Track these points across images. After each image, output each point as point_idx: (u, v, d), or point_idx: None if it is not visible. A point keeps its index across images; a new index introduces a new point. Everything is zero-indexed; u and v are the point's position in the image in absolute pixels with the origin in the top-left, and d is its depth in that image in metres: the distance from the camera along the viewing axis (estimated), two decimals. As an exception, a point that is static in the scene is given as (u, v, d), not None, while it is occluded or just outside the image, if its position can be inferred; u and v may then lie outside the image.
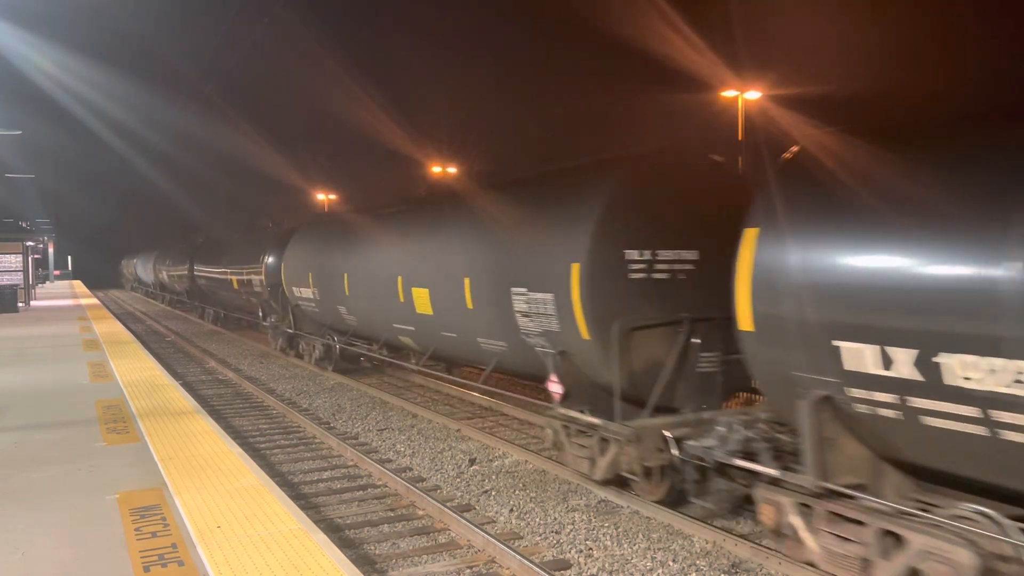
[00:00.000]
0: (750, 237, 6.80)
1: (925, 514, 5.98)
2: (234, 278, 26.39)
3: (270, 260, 22.50)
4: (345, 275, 15.87)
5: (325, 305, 17.73)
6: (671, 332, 8.95)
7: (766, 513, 7.07)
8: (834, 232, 6.13)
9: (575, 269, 8.89)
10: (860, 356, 5.86)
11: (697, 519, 8.24)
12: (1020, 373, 4.93)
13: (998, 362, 5.00)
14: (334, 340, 18.39)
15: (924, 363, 5.42)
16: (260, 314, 24.64)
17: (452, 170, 48.75)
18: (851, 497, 6.32)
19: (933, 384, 5.42)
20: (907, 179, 5.73)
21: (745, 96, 29.04)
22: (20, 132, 27.82)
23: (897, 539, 6.07)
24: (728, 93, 29.24)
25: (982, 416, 5.22)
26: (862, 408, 6.05)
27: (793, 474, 6.72)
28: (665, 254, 9.05)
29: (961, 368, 5.21)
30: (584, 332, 8.95)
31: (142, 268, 58.06)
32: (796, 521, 6.80)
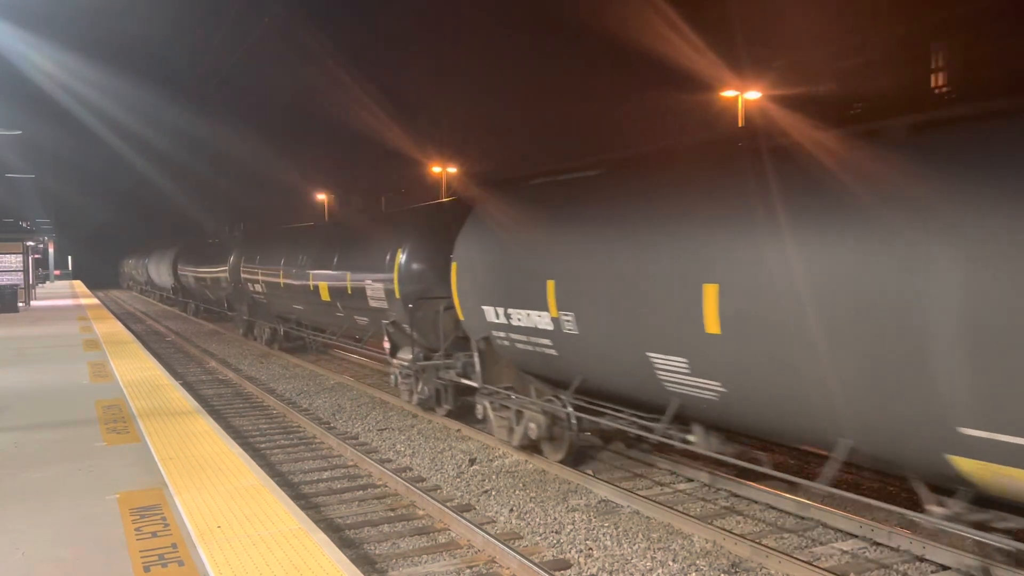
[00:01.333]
0: None
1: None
2: (324, 285, 17.54)
3: (407, 259, 13.71)
4: (710, 291, 7.06)
5: (602, 344, 8.77)
6: None
7: None
8: None
9: None
10: None
11: (697, 519, 8.25)
12: None
13: None
14: (562, 403, 9.94)
15: None
16: (387, 346, 14.94)
17: (452, 170, 48.76)
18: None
19: None
20: None
21: (745, 96, 29.03)
22: (20, 132, 27.83)
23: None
24: (728, 93, 29.24)
25: None
26: None
27: None
28: None
29: None
30: None
31: (156, 268, 48.41)
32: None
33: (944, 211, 5.39)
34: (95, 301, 42.78)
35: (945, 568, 7.00)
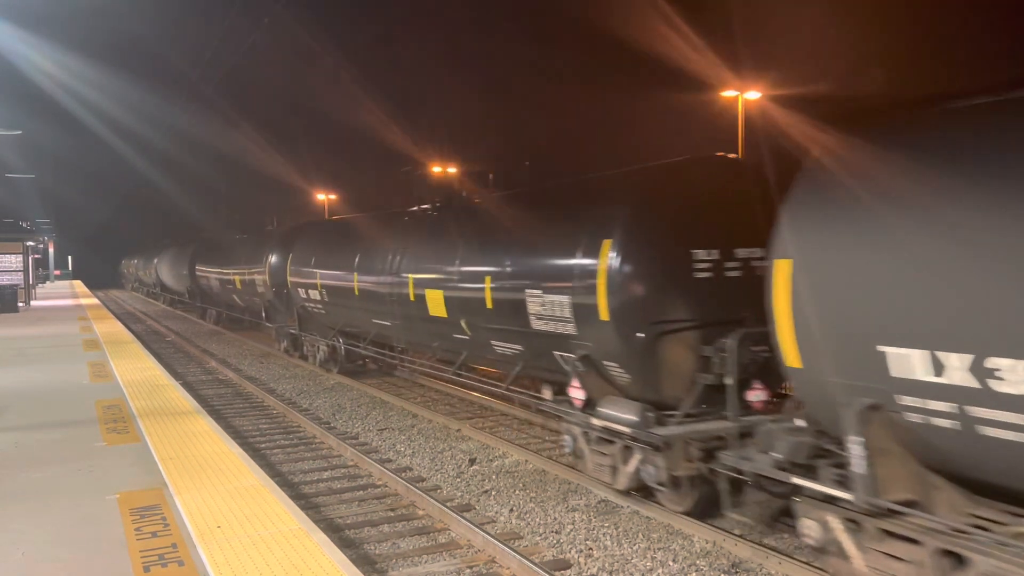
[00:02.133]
0: None
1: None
2: (437, 295, 12.52)
3: (622, 256, 8.47)
4: None
5: None
6: None
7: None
8: None
9: None
10: None
11: (697, 519, 8.24)
12: None
13: None
14: None
15: None
16: (579, 394, 9.22)
17: (452, 170, 48.71)
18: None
19: None
20: None
21: (745, 96, 29.04)
22: (20, 132, 27.82)
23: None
24: (728, 93, 29.25)
25: None
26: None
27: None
28: None
29: None
30: None
31: (168, 269, 42.57)
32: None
33: None
34: (95, 301, 42.78)
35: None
